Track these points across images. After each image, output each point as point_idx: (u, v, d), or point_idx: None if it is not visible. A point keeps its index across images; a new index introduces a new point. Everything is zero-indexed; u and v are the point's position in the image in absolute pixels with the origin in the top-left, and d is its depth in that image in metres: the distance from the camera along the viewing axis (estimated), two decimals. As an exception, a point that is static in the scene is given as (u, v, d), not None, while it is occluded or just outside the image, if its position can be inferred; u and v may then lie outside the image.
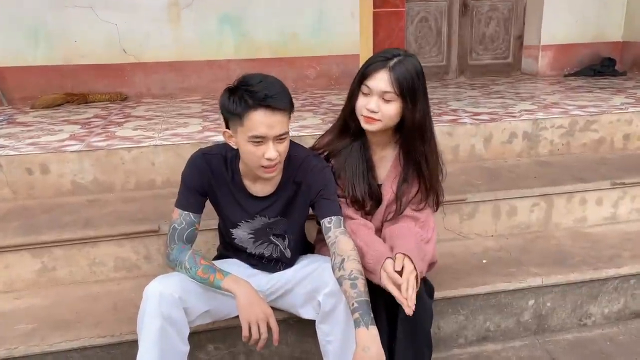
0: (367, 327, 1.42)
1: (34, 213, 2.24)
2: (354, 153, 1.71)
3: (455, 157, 2.81)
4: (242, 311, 1.51)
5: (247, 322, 1.50)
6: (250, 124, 1.45)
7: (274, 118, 1.45)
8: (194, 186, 1.62)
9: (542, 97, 3.67)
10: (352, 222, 1.69)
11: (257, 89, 1.43)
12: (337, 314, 1.54)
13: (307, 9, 4.19)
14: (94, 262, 2.09)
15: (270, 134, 1.46)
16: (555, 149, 2.94)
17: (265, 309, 1.53)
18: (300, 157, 1.66)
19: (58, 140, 2.66)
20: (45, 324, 1.83)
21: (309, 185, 1.65)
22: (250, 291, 1.54)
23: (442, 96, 3.82)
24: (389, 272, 1.50)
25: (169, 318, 1.50)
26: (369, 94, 1.59)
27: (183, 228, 1.62)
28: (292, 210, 1.69)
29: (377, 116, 1.59)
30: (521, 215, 2.45)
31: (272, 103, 1.43)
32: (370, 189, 1.72)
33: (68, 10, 3.86)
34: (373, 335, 1.42)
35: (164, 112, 3.44)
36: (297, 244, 1.78)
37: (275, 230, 1.71)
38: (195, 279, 1.57)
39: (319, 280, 1.59)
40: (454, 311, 2.03)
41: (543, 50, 4.87)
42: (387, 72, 1.55)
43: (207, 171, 1.62)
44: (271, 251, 1.74)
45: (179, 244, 1.62)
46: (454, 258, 2.24)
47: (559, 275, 2.08)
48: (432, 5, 4.71)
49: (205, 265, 1.57)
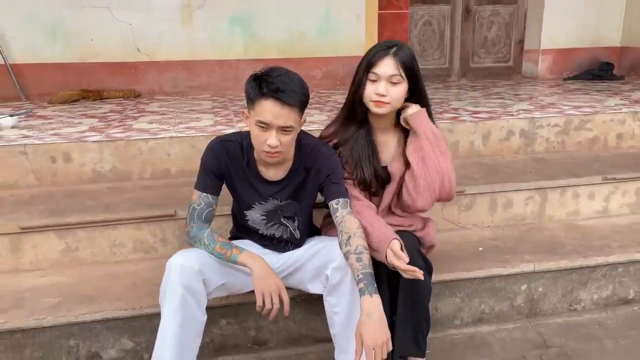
0: (371, 295, 1.55)
1: (58, 198, 2.38)
2: (359, 139, 1.85)
3: (455, 153, 2.94)
4: (256, 283, 1.64)
5: (261, 293, 1.64)
6: (259, 110, 1.59)
7: (281, 110, 1.57)
8: (212, 170, 1.76)
9: (540, 98, 3.81)
10: (358, 203, 1.83)
11: (273, 81, 1.57)
12: (344, 287, 1.68)
13: (314, 11, 4.34)
14: (114, 244, 2.23)
15: (274, 123, 1.59)
16: (550, 146, 3.07)
17: (278, 281, 1.66)
18: (311, 145, 1.80)
19: (79, 131, 2.81)
20: (71, 298, 1.96)
21: (318, 170, 1.78)
22: (264, 265, 1.68)
23: (444, 97, 3.96)
24: (396, 251, 1.64)
25: (189, 288, 1.63)
26: (377, 80, 1.74)
27: (202, 208, 1.76)
28: (302, 194, 1.82)
29: (386, 99, 1.74)
30: (516, 207, 2.57)
31: (282, 96, 1.56)
32: (375, 171, 1.86)
33: (85, 9, 4.02)
34: (376, 303, 1.55)
35: (176, 108, 3.59)
36: (306, 226, 1.91)
37: (286, 212, 1.84)
38: (213, 254, 1.71)
39: (327, 256, 1.72)
40: (451, 294, 2.15)
41: (543, 54, 5.01)
42: (392, 58, 1.72)
43: (225, 156, 1.76)
44: (282, 232, 1.88)
45: (198, 223, 1.75)
46: (452, 245, 2.37)
47: (550, 262, 2.20)
48: (435, 10, 4.86)
49: (222, 242, 1.70)
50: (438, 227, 2.46)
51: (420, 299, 1.79)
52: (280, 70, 1.62)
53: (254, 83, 1.61)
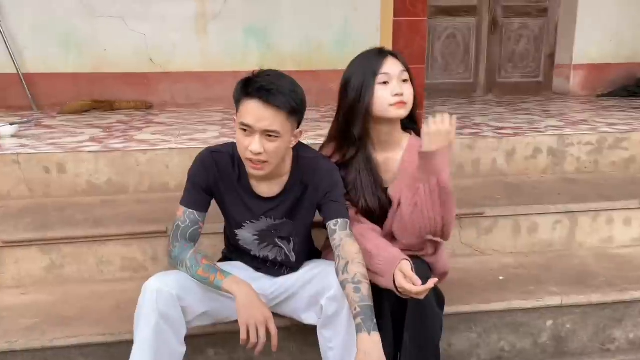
0: (369, 332, 1.36)
1: (47, 211, 2.26)
2: (361, 163, 1.67)
3: (476, 171, 2.73)
4: (240, 313, 1.47)
5: (246, 325, 1.46)
6: (242, 111, 1.46)
7: (265, 112, 1.42)
8: (200, 184, 1.60)
9: (571, 114, 3.56)
10: (360, 225, 1.65)
11: (259, 81, 1.43)
12: (340, 319, 1.49)
13: (332, 21, 4.21)
14: (102, 261, 2.08)
15: (257, 126, 1.44)
16: (582, 166, 2.82)
17: (265, 312, 1.49)
18: (309, 158, 1.63)
19: (77, 141, 2.71)
20: (48, 319, 1.82)
21: (316, 186, 1.61)
22: (251, 293, 1.50)
23: (466, 112, 3.75)
24: (407, 273, 1.45)
25: (165, 315, 1.47)
26: (388, 81, 1.59)
27: (187, 226, 1.60)
28: (299, 213, 1.65)
29: (405, 98, 1.60)
30: (543, 232, 2.35)
31: (266, 97, 1.41)
32: (379, 201, 1.68)
33: (99, 19, 3.97)
34: (375, 342, 1.36)
35: (184, 120, 3.48)
36: (303, 248, 1.73)
37: (281, 232, 1.67)
38: (195, 278, 1.54)
39: (322, 283, 1.54)
40: (467, 328, 1.94)
41: (575, 69, 4.75)
42: (392, 57, 1.61)
43: (214, 169, 1.60)
44: (276, 254, 1.70)
45: (182, 242, 1.59)
46: (469, 273, 2.16)
47: (580, 295, 1.97)
48: (460, 22, 4.67)
49: (206, 264, 1.54)
50: (454, 252, 2.27)
51: (430, 335, 1.59)
52: (271, 72, 1.48)
53: (241, 82, 1.47)
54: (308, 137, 2.66)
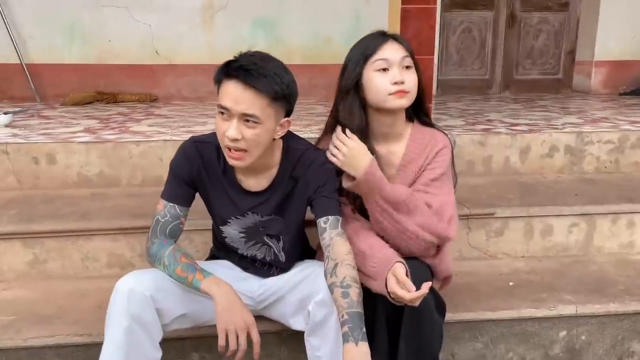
0: (357, 343, 1.23)
1: (35, 203, 2.17)
2: None
3: (487, 169, 2.58)
4: (219, 317, 1.35)
5: (225, 330, 1.34)
6: (221, 92, 1.33)
7: (244, 94, 1.29)
8: (182, 176, 1.49)
9: (591, 112, 3.38)
10: (355, 223, 1.52)
11: (241, 60, 1.31)
12: (329, 326, 1.37)
13: (342, 15, 4.09)
14: (87, 257, 1.99)
15: (234, 109, 1.31)
16: (602, 166, 2.65)
17: (247, 317, 1.36)
18: (300, 149, 1.51)
19: (70, 132, 2.61)
20: (26, 317, 1.73)
21: (307, 181, 1.48)
22: (231, 295, 1.38)
23: (479, 108, 3.59)
24: (400, 277, 1.32)
25: (138, 318, 1.36)
26: (388, 67, 1.45)
27: (167, 221, 1.48)
28: (288, 209, 1.52)
29: (407, 87, 1.46)
30: (557, 235, 2.19)
31: (245, 77, 1.28)
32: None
33: (104, 9, 3.89)
34: (363, 353, 1.23)
35: (187, 113, 3.38)
36: (294, 247, 1.60)
37: (270, 230, 1.55)
38: (172, 277, 1.42)
39: (311, 287, 1.42)
40: (472, 337, 1.79)
41: (596, 66, 4.55)
42: (393, 41, 1.47)
43: (198, 160, 1.49)
44: (264, 253, 1.58)
45: (161, 238, 1.48)
46: (476, 278, 2.01)
47: (596, 304, 1.82)
48: (476, 16, 4.50)
49: (185, 263, 1.41)
50: (461, 254, 2.13)
51: (428, 344, 1.46)
52: (257, 53, 1.36)
53: (223, 64, 1.34)
54: (313, 131, 2.53)
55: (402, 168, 1.56)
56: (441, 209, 1.49)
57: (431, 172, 1.54)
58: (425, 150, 1.55)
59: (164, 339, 1.45)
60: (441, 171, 1.54)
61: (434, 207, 1.49)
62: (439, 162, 1.55)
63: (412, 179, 1.55)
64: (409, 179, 1.55)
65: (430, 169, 1.54)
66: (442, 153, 1.55)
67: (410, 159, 1.56)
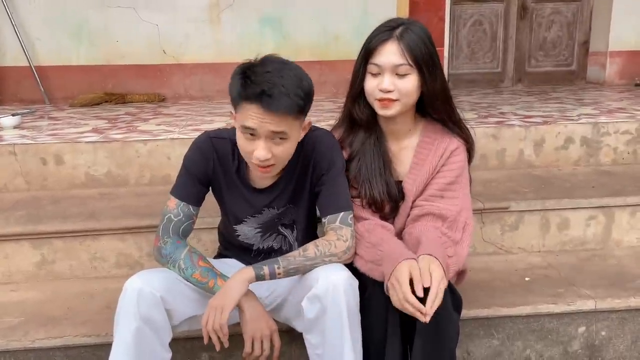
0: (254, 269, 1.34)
1: (42, 204, 2.16)
2: (367, 148, 1.49)
3: (501, 162, 2.52)
4: (247, 325, 1.36)
5: (252, 338, 1.36)
6: (242, 114, 1.29)
7: (268, 116, 1.26)
8: (196, 173, 1.45)
9: (607, 103, 3.30)
10: (369, 222, 1.47)
11: (258, 81, 1.24)
12: (325, 322, 1.31)
13: (350, 11, 4.03)
14: (95, 257, 1.97)
15: (261, 130, 1.27)
16: (619, 157, 2.58)
17: (271, 324, 1.38)
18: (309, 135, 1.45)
19: (78, 132, 2.60)
20: (34, 318, 1.72)
21: (313, 164, 1.45)
22: (257, 304, 1.38)
23: (492, 101, 3.52)
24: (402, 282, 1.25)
25: (148, 319, 1.33)
26: (379, 72, 1.38)
27: (180, 220, 1.45)
28: (300, 196, 1.50)
29: (394, 95, 1.38)
30: (575, 229, 2.13)
31: (267, 102, 1.24)
32: (388, 188, 1.49)
33: (111, 10, 3.88)
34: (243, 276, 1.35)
35: (195, 112, 3.35)
36: (306, 238, 1.55)
37: (284, 219, 1.53)
38: (189, 281, 1.40)
39: (305, 282, 1.38)
40: (487, 334, 1.75)
41: (611, 57, 4.44)
42: (395, 42, 1.36)
43: (213, 156, 1.45)
44: (280, 243, 1.56)
45: (174, 238, 1.44)
46: (491, 274, 1.96)
47: (616, 299, 1.76)
48: (487, 8, 4.42)
49: (204, 267, 1.39)
50: (475, 249, 2.08)
51: (444, 341, 1.40)
52: (271, 65, 1.28)
53: (237, 79, 1.29)
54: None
55: (414, 166, 1.51)
56: (456, 219, 1.46)
57: (447, 174, 1.49)
58: (439, 147, 1.50)
59: (173, 338, 1.42)
60: (457, 173, 1.49)
61: (449, 218, 1.45)
62: (455, 164, 1.49)
63: (425, 178, 1.50)
64: (422, 178, 1.50)
65: (445, 170, 1.49)
66: (456, 152, 1.50)
67: (423, 157, 1.50)
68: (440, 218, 1.46)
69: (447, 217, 1.45)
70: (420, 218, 1.47)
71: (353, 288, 1.33)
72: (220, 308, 1.30)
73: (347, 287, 1.31)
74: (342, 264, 1.37)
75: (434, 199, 1.47)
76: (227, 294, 1.32)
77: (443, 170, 1.49)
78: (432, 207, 1.46)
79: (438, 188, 1.48)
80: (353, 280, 1.34)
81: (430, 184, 1.49)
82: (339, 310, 1.29)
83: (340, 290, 1.29)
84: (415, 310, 1.21)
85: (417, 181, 1.50)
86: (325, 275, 1.32)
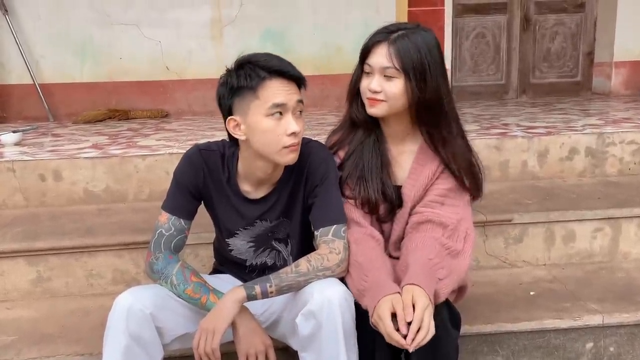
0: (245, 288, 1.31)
1: (41, 220, 2.15)
2: (365, 147, 1.48)
3: (504, 174, 2.48)
4: (241, 341, 1.32)
5: (245, 355, 1.32)
6: (267, 94, 1.30)
7: (290, 86, 1.33)
8: (187, 186, 1.44)
9: (613, 113, 3.26)
10: (358, 230, 1.44)
11: (268, 60, 1.32)
12: (320, 340, 1.27)
13: (351, 23, 4.04)
14: (91, 274, 1.94)
15: (290, 103, 1.31)
16: (625, 168, 2.53)
17: (266, 339, 1.35)
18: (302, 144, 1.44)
19: (77, 148, 2.60)
20: (28, 337, 1.69)
21: (306, 175, 1.43)
22: (250, 319, 1.35)
23: (495, 113, 3.50)
24: (384, 318, 1.20)
25: (137, 337, 1.29)
26: (371, 72, 1.39)
27: (171, 234, 1.43)
28: (294, 208, 1.47)
29: (380, 96, 1.39)
30: (581, 241, 2.08)
31: (287, 69, 1.32)
32: (384, 188, 1.46)
33: (114, 27, 3.91)
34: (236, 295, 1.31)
35: (196, 127, 3.35)
36: (302, 251, 1.52)
37: (277, 234, 1.50)
38: (182, 297, 1.37)
39: (300, 299, 1.34)
40: (491, 351, 1.70)
41: (616, 67, 4.41)
42: (387, 45, 1.36)
43: (203, 168, 1.44)
44: (274, 259, 1.53)
45: (166, 253, 1.42)
46: (495, 287, 1.92)
47: (624, 313, 1.71)
48: (489, 20, 4.41)
49: (197, 283, 1.36)
50: (479, 263, 2.04)
51: (442, 359, 1.35)
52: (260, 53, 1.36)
53: (243, 72, 1.32)
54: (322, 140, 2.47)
55: (413, 171, 1.48)
56: (456, 228, 1.42)
57: (448, 180, 1.45)
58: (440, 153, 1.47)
59: (165, 357, 1.39)
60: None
61: (449, 226, 1.41)
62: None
63: (424, 183, 1.46)
64: (421, 183, 1.46)
65: (445, 177, 1.46)
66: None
67: (423, 162, 1.47)
68: (440, 226, 1.42)
69: (447, 225, 1.41)
70: (419, 226, 1.43)
71: (349, 303, 1.29)
72: (212, 331, 1.27)
73: (343, 303, 1.27)
74: (337, 279, 1.34)
75: (434, 204, 1.44)
76: (219, 315, 1.29)
77: (443, 177, 1.46)
78: (432, 214, 1.43)
79: (438, 194, 1.45)
80: (349, 296, 1.30)
81: (430, 189, 1.46)
82: (335, 327, 1.26)
83: (336, 305, 1.26)
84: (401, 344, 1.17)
85: (416, 186, 1.47)
86: (320, 290, 1.28)
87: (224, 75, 1.38)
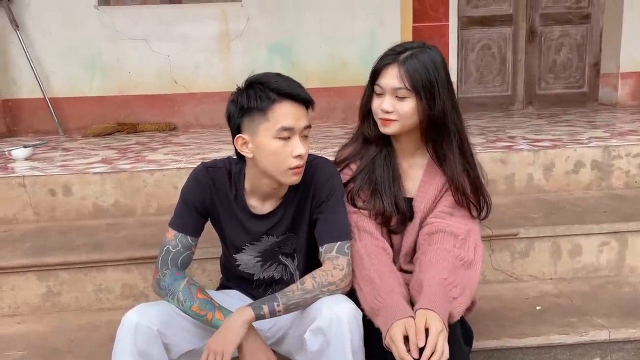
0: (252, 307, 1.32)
1: (50, 235, 2.17)
2: (377, 162, 1.51)
3: (509, 187, 2.48)
4: (245, 357, 1.33)
5: None
6: (276, 116, 1.32)
7: (300, 110, 1.34)
8: (194, 203, 1.46)
9: (619, 125, 3.26)
10: (371, 241, 1.46)
11: (279, 82, 1.33)
12: (329, 356, 1.28)
13: (358, 36, 4.07)
14: (100, 289, 1.97)
15: (297, 126, 1.33)
16: (631, 181, 2.53)
17: (270, 355, 1.36)
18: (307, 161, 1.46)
19: (87, 163, 2.63)
20: (37, 351, 1.71)
21: (314, 192, 1.45)
22: (255, 336, 1.36)
23: (501, 125, 3.50)
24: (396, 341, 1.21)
25: (145, 354, 1.31)
26: (382, 93, 1.42)
27: (178, 251, 1.45)
28: (300, 223, 1.49)
29: (393, 116, 1.42)
30: (587, 255, 2.08)
31: (297, 92, 1.33)
32: (396, 201, 1.48)
33: (123, 42, 3.97)
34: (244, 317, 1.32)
35: (204, 140, 3.38)
36: (308, 266, 1.53)
37: (284, 248, 1.52)
38: (188, 314, 1.38)
39: (308, 315, 1.35)
40: (497, 366, 1.69)
41: (623, 78, 4.41)
42: (397, 66, 1.39)
43: (210, 187, 1.46)
44: (281, 273, 1.54)
45: (172, 270, 1.44)
46: (500, 302, 1.92)
47: (631, 329, 1.71)
48: (495, 32, 4.43)
49: (203, 299, 1.38)
50: (485, 277, 2.05)
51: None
52: (270, 74, 1.38)
53: (253, 93, 1.33)
54: (328, 154, 2.49)
55: (423, 184, 1.51)
56: (466, 238, 1.44)
57: None
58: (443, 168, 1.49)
59: (172, 373, 1.40)
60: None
61: (459, 236, 1.43)
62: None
63: (434, 195, 1.49)
64: (432, 194, 1.49)
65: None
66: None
67: (432, 175, 1.50)
68: (451, 235, 1.44)
69: (458, 234, 1.44)
70: (431, 237, 1.45)
71: (357, 321, 1.30)
72: (221, 353, 1.28)
73: (352, 320, 1.28)
74: (345, 296, 1.35)
75: (444, 215, 1.46)
76: (227, 336, 1.30)
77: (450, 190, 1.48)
78: (443, 224, 1.45)
79: (447, 205, 1.47)
80: (358, 313, 1.31)
81: (440, 200, 1.49)
82: (343, 345, 1.27)
83: (345, 322, 1.27)
84: None
85: (425, 198, 1.50)
86: (329, 306, 1.30)
87: (234, 94, 1.39)
